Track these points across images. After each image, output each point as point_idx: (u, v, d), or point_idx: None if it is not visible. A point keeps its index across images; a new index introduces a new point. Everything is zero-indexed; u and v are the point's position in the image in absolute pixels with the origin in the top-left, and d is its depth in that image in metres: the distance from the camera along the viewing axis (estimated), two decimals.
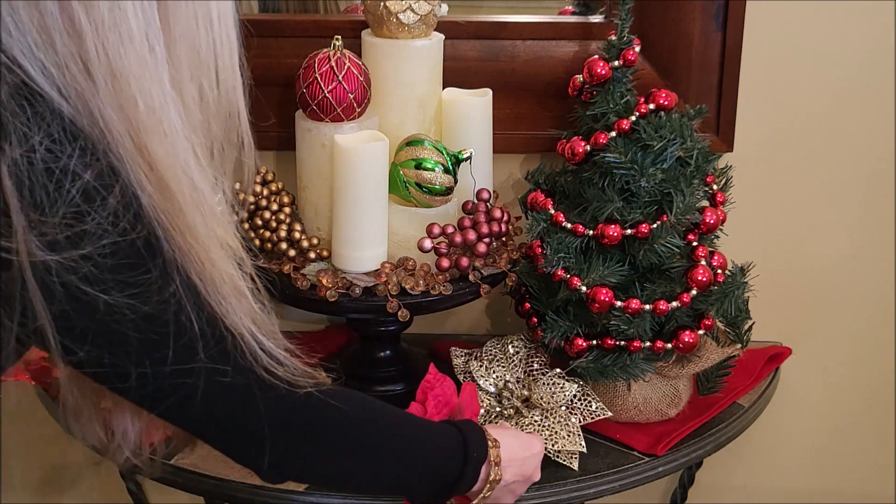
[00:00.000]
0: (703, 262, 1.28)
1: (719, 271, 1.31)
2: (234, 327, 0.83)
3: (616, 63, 1.33)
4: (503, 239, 1.37)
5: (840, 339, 1.62)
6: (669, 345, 1.29)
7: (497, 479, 1.07)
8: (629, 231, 1.28)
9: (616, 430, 1.34)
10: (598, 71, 1.33)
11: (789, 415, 1.65)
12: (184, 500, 1.62)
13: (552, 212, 1.32)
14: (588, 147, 1.31)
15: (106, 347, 0.77)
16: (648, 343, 1.29)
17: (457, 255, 1.30)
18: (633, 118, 1.30)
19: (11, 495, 1.72)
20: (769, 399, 1.47)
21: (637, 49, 1.34)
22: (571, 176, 1.38)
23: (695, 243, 1.29)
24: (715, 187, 1.35)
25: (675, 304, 1.27)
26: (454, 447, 1.04)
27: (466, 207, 1.34)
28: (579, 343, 1.31)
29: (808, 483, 1.70)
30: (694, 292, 1.27)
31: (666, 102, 1.30)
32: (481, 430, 1.08)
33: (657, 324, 1.31)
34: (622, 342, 1.29)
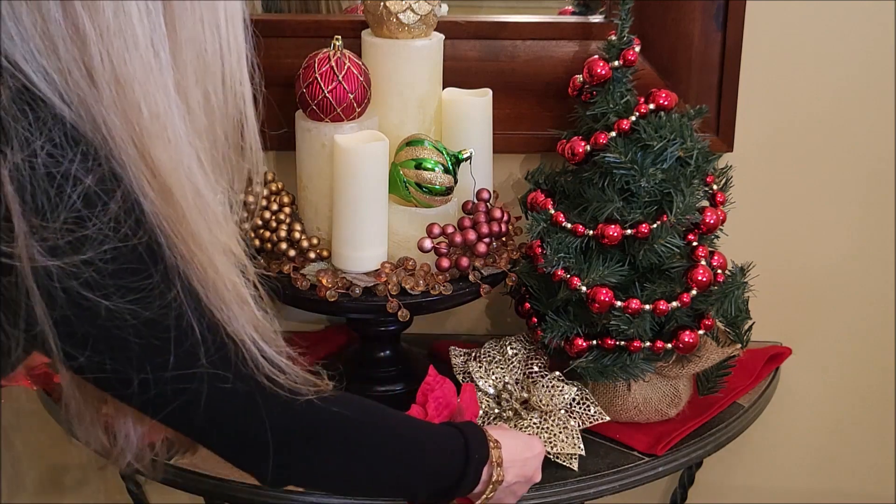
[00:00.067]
0: (703, 262, 1.28)
1: (719, 271, 1.31)
2: (236, 334, 0.83)
3: (616, 63, 1.33)
4: (503, 239, 1.37)
5: (840, 339, 1.62)
6: (669, 345, 1.29)
7: (499, 479, 1.07)
8: (629, 231, 1.28)
9: (616, 430, 1.34)
10: (598, 71, 1.33)
11: (789, 415, 1.65)
12: (184, 500, 1.62)
13: (552, 212, 1.32)
14: (588, 147, 1.31)
15: (107, 353, 0.77)
16: (648, 343, 1.29)
17: (457, 255, 1.30)
18: (633, 118, 1.30)
19: (16, 496, 1.72)
20: (769, 399, 1.47)
21: (637, 49, 1.33)
22: (571, 176, 1.38)
23: (695, 243, 1.29)
24: (715, 187, 1.35)
25: (675, 304, 1.27)
26: (456, 448, 1.04)
27: (466, 207, 1.34)
28: (579, 343, 1.31)
29: (808, 483, 1.70)
30: (694, 292, 1.27)
31: (666, 102, 1.30)
32: (482, 432, 1.08)
33: (657, 324, 1.31)
34: (622, 342, 1.29)
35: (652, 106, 1.30)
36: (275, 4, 1.62)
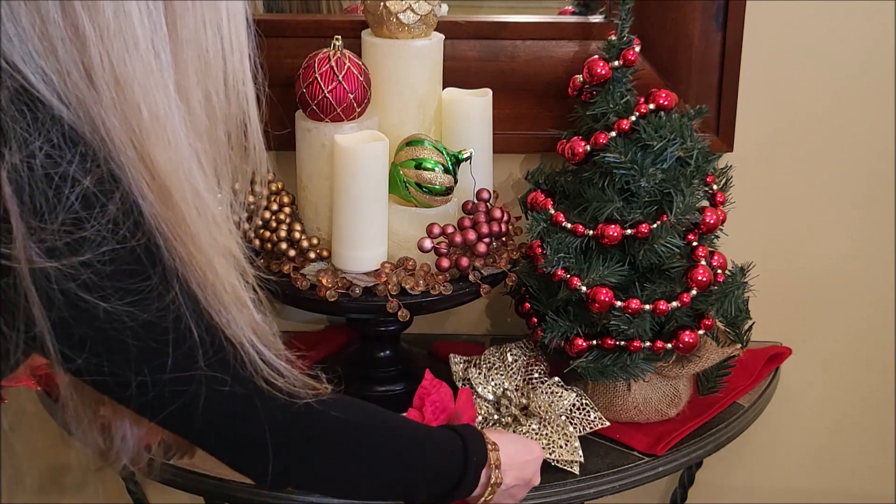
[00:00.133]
0: (703, 262, 1.28)
1: (719, 271, 1.31)
2: (235, 337, 0.82)
3: (616, 63, 1.33)
4: (503, 239, 1.37)
5: (840, 339, 1.62)
6: (669, 345, 1.29)
7: (497, 482, 1.07)
8: (629, 231, 1.27)
9: (616, 430, 1.34)
10: (598, 71, 1.33)
11: (789, 415, 1.65)
12: (184, 500, 1.62)
13: (552, 212, 1.32)
14: (588, 147, 1.31)
15: (105, 355, 0.77)
16: (648, 343, 1.29)
17: (457, 255, 1.30)
18: (633, 118, 1.30)
19: (16, 496, 1.72)
20: (769, 399, 1.47)
21: (637, 49, 1.33)
22: (571, 176, 1.38)
23: (695, 243, 1.29)
24: (715, 187, 1.35)
25: (675, 304, 1.27)
26: (454, 451, 1.04)
27: (466, 207, 1.34)
28: (579, 343, 1.31)
29: (808, 483, 1.70)
30: (694, 292, 1.27)
31: (666, 102, 1.30)
32: (480, 434, 1.08)
33: (657, 324, 1.31)
34: (622, 342, 1.29)
35: (652, 106, 1.30)
36: (275, 4, 1.62)
